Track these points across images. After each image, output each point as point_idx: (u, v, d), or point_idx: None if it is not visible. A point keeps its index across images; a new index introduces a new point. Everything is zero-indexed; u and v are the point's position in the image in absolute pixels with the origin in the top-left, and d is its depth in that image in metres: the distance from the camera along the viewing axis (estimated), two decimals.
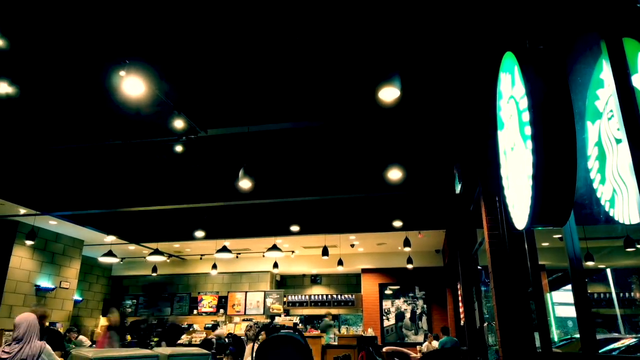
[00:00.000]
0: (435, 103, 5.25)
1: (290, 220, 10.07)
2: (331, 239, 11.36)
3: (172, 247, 12.95)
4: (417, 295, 13.62)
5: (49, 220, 10.16)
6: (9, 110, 5.60)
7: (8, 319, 9.69)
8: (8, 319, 9.72)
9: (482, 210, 5.36)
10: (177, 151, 6.35)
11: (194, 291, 14.78)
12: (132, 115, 5.67)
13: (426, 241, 11.85)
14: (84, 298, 14.00)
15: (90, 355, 1.92)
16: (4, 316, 9.74)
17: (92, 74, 4.90)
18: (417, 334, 13.22)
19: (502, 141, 3.01)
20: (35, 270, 10.73)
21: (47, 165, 7.53)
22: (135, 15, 4.11)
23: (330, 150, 6.91)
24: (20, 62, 4.72)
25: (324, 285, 15.70)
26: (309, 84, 5.13)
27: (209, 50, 4.59)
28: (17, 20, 4.15)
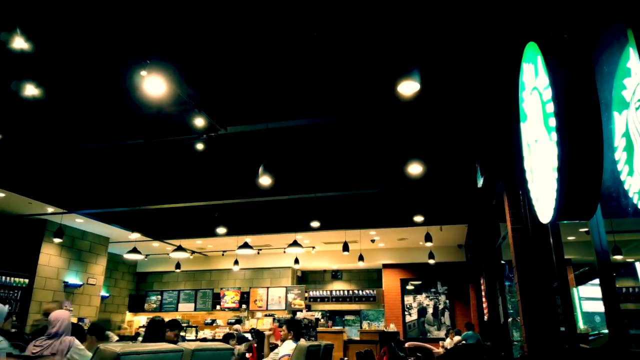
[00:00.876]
0: (455, 96, 5.17)
1: (310, 216, 10.09)
2: (351, 234, 11.35)
3: (194, 243, 13.13)
4: (439, 291, 13.50)
5: (76, 218, 10.43)
6: (36, 112, 5.76)
7: (38, 314, 10.00)
8: (38, 314, 10.02)
9: (505, 204, 5.28)
10: (198, 149, 6.43)
11: (216, 287, 14.97)
12: (154, 115, 5.76)
13: (448, 236, 11.72)
14: (110, 294, 14.34)
15: (118, 350, 1.96)
16: (35, 312, 10.05)
17: (115, 75, 4.99)
18: (439, 330, 13.12)
19: (525, 133, 2.95)
20: (64, 267, 11.03)
21: (73, 164, 7.71)
22: (155, 15, 4.17)
23: (349, 146, 6.89)
24: (45, 65, 4.84)
25: (345, 280, 15.71)
26: (328, 79, 5.11)
27: (228, 49, 4.62)
28: (42, 24, 4.25)
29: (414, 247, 13.41)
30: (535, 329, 4.48)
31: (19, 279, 10.04)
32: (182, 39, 4.51)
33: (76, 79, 5.16)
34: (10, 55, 4.43)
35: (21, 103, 5.33)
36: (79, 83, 5.25)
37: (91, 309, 11.87)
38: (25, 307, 9.91)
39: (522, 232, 4.88)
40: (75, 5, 3.98)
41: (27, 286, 10.14)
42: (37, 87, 4.95)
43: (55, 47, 4.58)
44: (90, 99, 5.59)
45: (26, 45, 4.26)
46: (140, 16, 4.18)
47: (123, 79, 4.96)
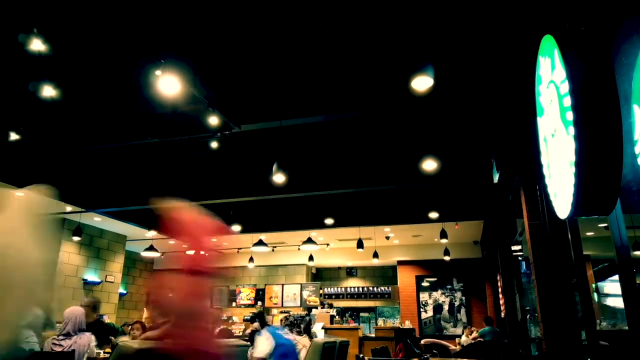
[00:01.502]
0: (470, 91, 5.12)
1: (324, 213, 10.10)
2: (366, 231, 11.33)
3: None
4: (455, 287, 13.41)
5: (94, 217, 10.60)
6: (54, 112, 5.86)
7: (58, 312, 10.20)
8: (59, 311, 10.23)
9: (521, 200, 5.21)
10: (212, 147, 6.48)
11: (232, 284, 15.09)
12: (169, 114, 5.82)
13: (463, 232, 11.62)
14: (128, 291, 14.55)
15: (137, 346, 2.00)
16: (55, 309, 10.26)
17: (130, 75, 5.05)
18: (455, 326, 13.04)
19: (542, 128, 2.91)
20: (82, 265, 11.24)
21: (91, 164, 7.84)
22: (170, 14, 4.20)
23: (363, 142, 6.87)
24: (62, 66, 4.92)
25: (360, 277, 15.69)
26: (340, 76, 5.10)
27: (242, 47, 4.64)
28: (59, 25, 4.32)
29: (429, 243, 13.33)
30: (553, 325, 4.42)
31: None
32: (196, 37, 4.54)
33: (92, 79, 5.24)
34: (28, 56, 4.52)
35: (39, 104, 5.43)
36: (95, 84, 5.33)
37: (110, 306, 12.07)
38: None
39: (540, 227, 4.81)
40: (90, 6, 4.03)
41: None
42: (54, 87, 5.03)
43: (71, 48, 4.65)
44: (106, 100, 5.67)
45: (43, 47, 4.33)
46: (154, 15, 4.22)
47: (138, 79, 5.02)
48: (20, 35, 4.22)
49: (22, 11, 4.14)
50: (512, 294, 8.02)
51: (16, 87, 5.27)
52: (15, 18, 4.20)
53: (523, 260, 7.55)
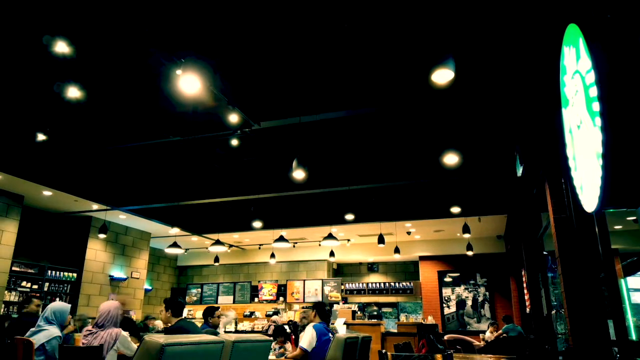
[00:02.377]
0: (492, 82, 5.03)
1: (344, 209, 10.09)
2: (387, 226, 11.28)
3: (231, 237, 13.39)
4: (478, 283, 13.25)
5: (119, 214, 10.84)
6: (78, 113, 6.00)
7: (86, 307, 10.49)
8: (87, 307, 10.51)
9: (546, 193, 5.11)
10: (233, 145, 6.54)
11: (254, 280, 15.24)
12: (189, 113, 5.89)
13: (486, 227, 11.46)
14: (153, 287, 14.85)
15: (162, 341, 2.03)
16: (83, 304, 10.55)
17: (151, 75, 5.12)
18: (479, 322, 12.89)
19: (567, 119, 2.84)
20: (109, 261, 11.51)
21: (115, 163, 8.01)
22: (190, 12, 4.25)
23: (383, 137, 6.83)
24: (86, 68, 5.03)
25: (381, 273, 15.65)
26: (359, 71, 5.08)
27: (260, 43, 4.66)
28: (81, 27, 4.41)
29: (451, 238, 13.19)
30: (580, 321, 4.33)
31: (68, 273, 10.56)
32: (216, 35, 4.58)
33: (115, 81, 5.34)
34: (53, 58, 4.63)
35: (64, 105, 5.57)
36: (117, 85, 5.43)
37: (136, 302, 12.34)
38: (74, 301, 10.41)
39: (566, 221, 4.71)
40: (113, 8, 4.10)
41: (76, 280, 10.65)
42: (79, 89, 5.15)
43: (94, 50, 4.74)
44: (128, 100, 5.77)
45: (67, 49, 4.43)
46: (175, 15, 4.27)
47: (159, 79, 5.09)
48: (45, 37, 4.32)
49: (46, 13, 4.24)
50: (538, 289, 7.88)
51: (42, 89, 5.42)
52: (39, 21, 4.31)
53: (548, 255, 7.41)
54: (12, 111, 6.09)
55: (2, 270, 8.78)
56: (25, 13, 4.21)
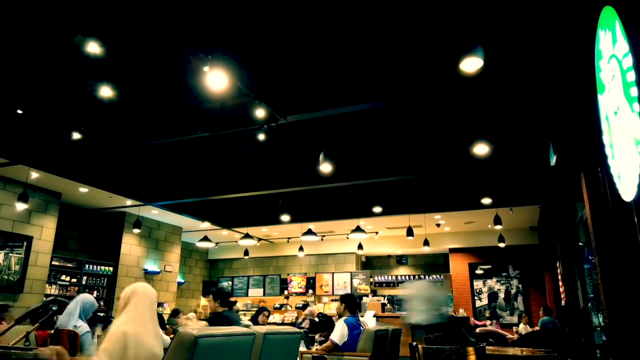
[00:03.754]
0: (523, 69, 4.88)
1: (372, 201, 10.05)
2: (415, 219, 11.17)
3: (260, 231, 13.55)
4: (511, 275, 12.98)
5: (151, 210, 11.12)
6: (112, 112, 6.17)
7: None
8: None
9: (581, 183, 4.94)
10: (260, 140, 6.59)
11: (283, 273, 15.39)
12: (217, 109, 5.98)
13: (519, 218, 11.19)
14: (185, 280, 15.20)
15: (195, 333, 2.08)
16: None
17: (179, 73, 5.21)
18: (512, 315, 12.65)
19: (603, 105, 2.73)
20: (143, 255, 11.84)
21: (146, 160, 8.21)
22: (216, 8, 4.29)
23: (411, 129, 6.75)
24: (117, 68, 5.16)
25: (410, 265, 15.54)
26: (386, 62, 5.02)
27: (285, 37, 4.67)
28: (111, 28, 4.52)
29: (482, 230, 12.96)
30: (619, 313, 4.19)
31: (105, 267, 10.93)
32: (241, 30, 4.61)
33: (145, 79, 5.46)
34: (85, 59, 4.77)
35: (97, 104, 5.74)
36: (147, 83, 5.55)
37: (169, 295, 12.67)
38: (111, 294, 10.78)
39: (602, 211, 4.55)
40: (140, 7, 4.18)
41: (112, 274, 11.01)
42: (110, 88, 5.29)
43: (124, 49, 4.86)
44: (158, 98, 5.89)
45: (98, 49, 4.55)
46: (201, 10, 4.32)
47: (187, 77, 5.18)
48: (77, 37, 4.45)
49: (77, 14, 4.36)
50: (573, 281, 7.67)
51: (76, 89, 5.59)
52: (71, 21, 4.44)
53: (584, 246, 7.19)
54: (49, 112, 6.31)
55: (43, 265, 9.16)
56: (58, 14, 4.35)
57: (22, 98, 5.88)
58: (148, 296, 2.53)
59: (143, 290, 2.54)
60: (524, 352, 5.00)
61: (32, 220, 9.02)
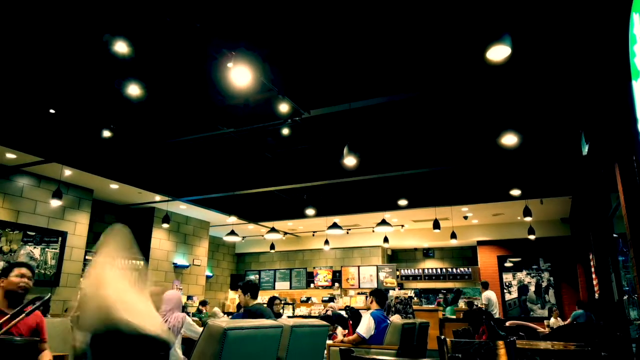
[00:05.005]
0: (552, 56, 4.74)
1: (398, 194, 9.97)
2: (442, 211, 11.03)
3: (286, 225, 13.65)
4: (541, 268, 12.70)
5: (179, 205, 11.34)
6: (139, 110, 6.30)
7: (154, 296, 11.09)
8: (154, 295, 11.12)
9: (616, 172, 4.78)
10: (284, 134, 6.62)
11: (309, 266, 15.48)
12: (240, 105, 6.03)
13: (549, 210, 10.92)
14: (214, 274, 15.47)
15: (224, 325, 2.12)
16: None
17: (203, 71, 5.27)
18: (543, 308, 12.38)
19: (638, 92, 2.63)
20: (172, 250, 12.10)
21: (174, 156, 8.36)
22: (239, 3, 4.31)
23: (436, 120, 6.65)
24: (143, 66, 5.25)
25: (437, 258, 15.38)
26: (410, 52, 4.95)
27: (308, 30, 4.66)
28: (137, 26, 4.61)
29: (511, 222, 12.70)
30: None
31: (136, 262, 11.21)
32: (264, 26, 4.62)
33: (171, 77, 5.55)
34: (112, 56, 4.88)
35: (125, 102, 5.87)
36: (173, 81, 5.64)
37: (198, 288, 12.93)
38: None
39: (638, 201, 4.39)
40: (166, 5, 4.24)
41: (143, 268, 11.30)
42: (138, 85, 5.40)
43: (150, 47, 4.94)
44: (183, 95, 5.98)
45: (126, 48, 4.65)
46: (225, 6, 4.35)
47: (212, 73, 5.23)
48: (105, 36, 4.55)
49: (105, 13, 4.46)
50: (608, 273, 7.44)
51: (104, 88, 5.73)
52: (98, 21, 4.54)
53: (619, 238, 6.96)
54: (80, 111, 6.49)
55: (77, 259, 9.47)
56: (86, 15, 4.45)
57: (54, 98, 6.07)
58: None
59: None
60: (556, 345, 4.89)
61: (66, 216, 9.32)
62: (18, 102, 6.18)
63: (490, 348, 2.88)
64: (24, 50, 4.97)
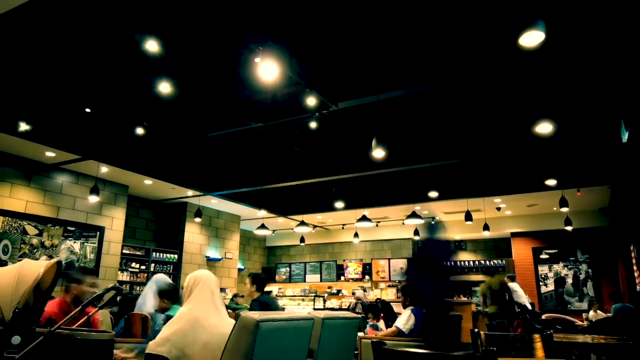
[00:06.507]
0: (588, 39, 4.55)
1: (428, 186, 9.84)
2: (474, 203, 10.82)
3: (315, 218, 13.70)
4: (579, 259, 12.30)
5: (211, 199, 11.55)
6: (171, 107, 6.42)
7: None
8: None
9: None
10: (312, 127, 6.62)
11: (339, 259, 15.51)
12: (268, 100, 6.06)
13: (587, 200, 10.55)
14: (245, 267, 15.72)
15: (257, 317, 2.15)
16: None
17: (232, 67, 5.32)
18: (581, 301, 12.01)
19: None
20: (204, 243, 12.36)
21: (205, 151, 8.50)
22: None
23: (467, 109, 6.50)
24: (174, 64, 5.34)
25: (470, 251, 15.13)
26: (439, 40, 4.85)
27: (334, 22, 4.63)
28: (168, 24, 4.69)
29: (547, 213, 12.34)
30: None
31: (170, 255, 11.53)
32: (291, 20, 4.62)
33: (200, 74, 5.63)
34: (143, 56, 4.98)
35: (156, 99, 6.00)
36: (203, 78, 5.72)
37: (230, 280, 13.17)
38: (176, 280, 11.35)
39: None
40: (193, 2, 4.30)
41: (177, 261, 11.60)
42: (168, 83, 5.51)
43: (180, 46, 5.02)
44: (213, 92, 6.05)
45: (156, 46, 4.74)
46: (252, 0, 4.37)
47: (240, 69, 5.27)
48: (136, 35, 4.65)
49: (135, 12, 4.55)
50: None
51: (137, 87, 5.87)
52: (129, 22, 4.65)
53: None
54: (114, 109, 6.68)
55: (114, 253, 9.79)
56: (118, 15, 4.56)
57: (90, 98, 6.26)
58: (208, 281, 2.62)
59: (202, 277, 2.62)
60: (595, 339, 4.74)
61: (103, 212, 9.65)
62: (56, 103, 6.41)
63: (526, 341, 2.82)
64: (60, 52, 5.13)
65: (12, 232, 7.98)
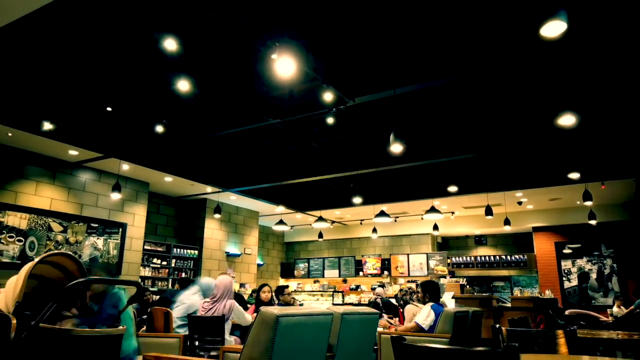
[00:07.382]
0: (612, 28, 4.42)
1: (447, 180, 9.74)
2: (494, 197, 10.67)
3: (333, 214, 13.70)
4: (604, 254, 12.03)
5: (230, 196, 11.65)
6: (190, 105, 6.49)
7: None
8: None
9: None
10: (329, 123, 6.61)
11: (357, 254, 15.49)
12: (285, 96, 6.07)
13: (611, 193, 10.30)
14: (264, 262, 15.84)
15: (277, 312, 2.16)
16: None
17: (249, 64, 5.34)
18: (606, 297, 11.76)
19: None
20: (224, 239, 12.49)
21: (223, 148, 8.57)
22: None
23: (487, 102, 6.40)
24: (192, 63, 5.39)
25: (490, 246, 14.95)
26: (457, 32, 4.78)
27: (350, 16, 4.60)
28: (186, 23, 4.73)
29: (570, 207, 12.09)
30: None
31: (191, 251, 11.69)
32: (307, 15, 4.61)
33: (219, 71, 5.66)
34: (162, 53, 5.04)
35: (175, 97, 6.06)
36: (220, 75, 5.75)
37: (250, 276, 13.29)
38: (196, 275, 11.52)
39: None
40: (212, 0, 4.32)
41: (197, 257, 11.75)
42: (187, 81, 5.56)
43: (198, 44, 5.06)
44: (230, 88, 6.09)
45: (175, 45, 4.79)
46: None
47: (257, 66, 5.29)
48: (155, 34, 4.71)
49: (154, 12, 4.60)
50: None
51: (156, 85, 5.94)
52: (148, 21, 4.70)
53: None
54: (134, 108, 6.78)
55: (136, 249, 9.97)
56: (137, 14, 4.62)
57: (111, 97, 6.37)
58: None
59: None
60: (620, 335, 4.63)
61: (125, 209, 9.83)
62: (78, 102, 6.54)
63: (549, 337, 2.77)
64: (81, 53, 5.23)
65: (38, 229, 8.20)
